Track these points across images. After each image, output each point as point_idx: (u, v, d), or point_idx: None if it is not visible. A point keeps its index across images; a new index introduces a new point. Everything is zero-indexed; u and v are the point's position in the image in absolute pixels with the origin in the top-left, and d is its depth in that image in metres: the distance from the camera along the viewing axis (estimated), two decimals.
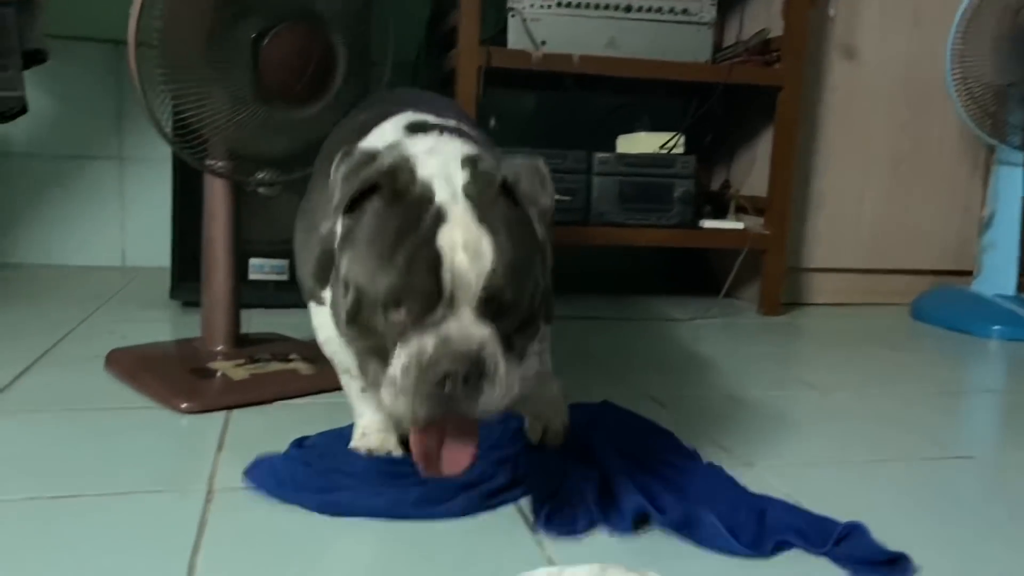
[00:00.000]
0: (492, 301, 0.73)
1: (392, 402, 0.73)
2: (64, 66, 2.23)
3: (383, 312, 0.73)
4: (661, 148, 2.14)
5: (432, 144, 0.82)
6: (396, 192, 0.76)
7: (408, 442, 1.00)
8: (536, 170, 0.80)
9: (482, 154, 0.82)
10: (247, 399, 1.20)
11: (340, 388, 1.05)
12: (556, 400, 1.06)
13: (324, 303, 0.93)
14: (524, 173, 0.79)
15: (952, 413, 1.37)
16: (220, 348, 1.35)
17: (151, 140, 2.20)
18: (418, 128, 0.87)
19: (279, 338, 1.48)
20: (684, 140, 2.15)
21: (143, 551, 0.76)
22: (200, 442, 1.05)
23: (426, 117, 0.90)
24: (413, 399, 0.71)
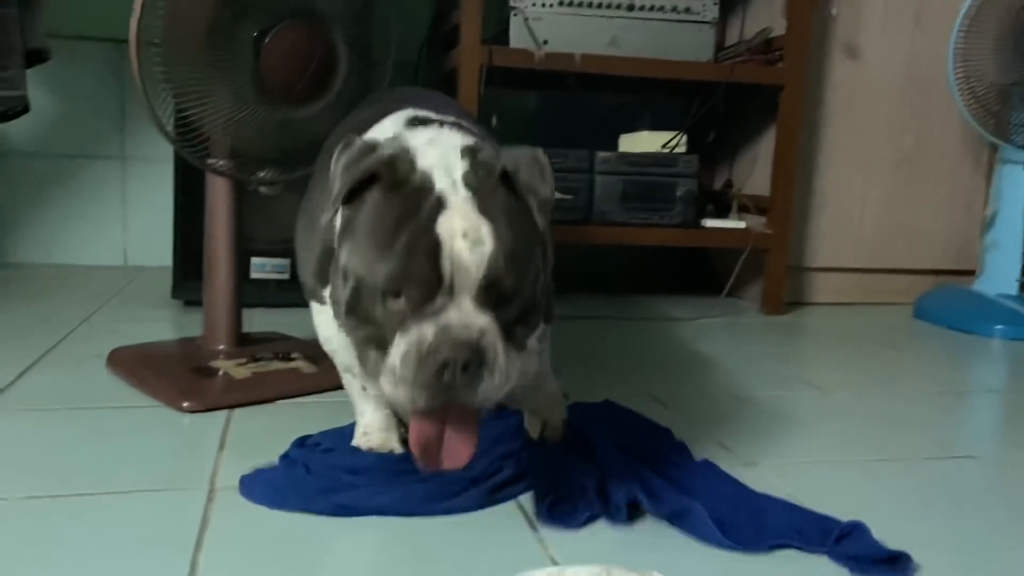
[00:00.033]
0: (492, 289, 0.72)
1: (392, 391, 0.72)
2: (66, 65, 2.23)
3: (382, 301, 0.73)
4: (663, 147, 2.14)
5: (432, 136, 0.82)
6: (395, 181, 0.76)
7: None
8: (536, 160, 0.80)
9: (482, 144, 0.82)
10: (249, 398, 1.20)
11: (342, 387, 1.06)
12: (555, 397, 1.08)
13: (325, 302, 0.93)
14: (524, 163, 0.79)
15: (954, 413, 1.37)
16: (222, 347, 1.35)
17: (153, 139, 2.21)
18: (418, 123, 0.87)
19: (281, 337, 1.48)
20: (686, 139, 2.15)
21: (145, 550, 0.76)
22: (202, 441, 1.05)
23: (427, 113, 0.90)
24: (412, 387, 0.71)
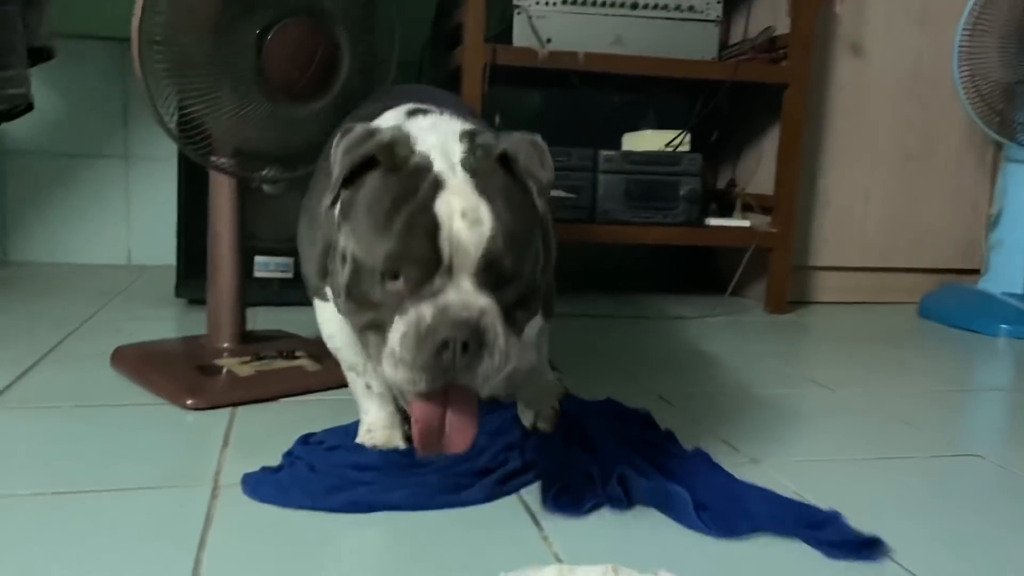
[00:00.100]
0: (491, 269, 0.72)
1: (392, 374, 0.72)
2: (70, 64, 2.23)
3: (381, 282, 0.72)
4: (667, 146, 2.13)
5: (432, 123, 0.82)
6: (394, 164, 0.76)
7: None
8: (535, 145, 0.80)
9: (480, 129, 0.82)
10: (252, 396, 1.20)
11: (346, 385, 1.05)
12: (548, 388, 1.10)
13: (328, 299, 0.93)
14: (523, 148, 0.79)
15: (960, 411, 1.36)
16: (226, 345, 1.35)
17: (157, 138, 2.21)
18: (418, 113, 0.88)
19: (285, 335, 1.48)
20: (690, 138, 2.15)
21: (149, 547, 0.76)
22: (206, 438, 1.05)
23: (427, 106, 0.91)
24: (412, 369, 0.71)
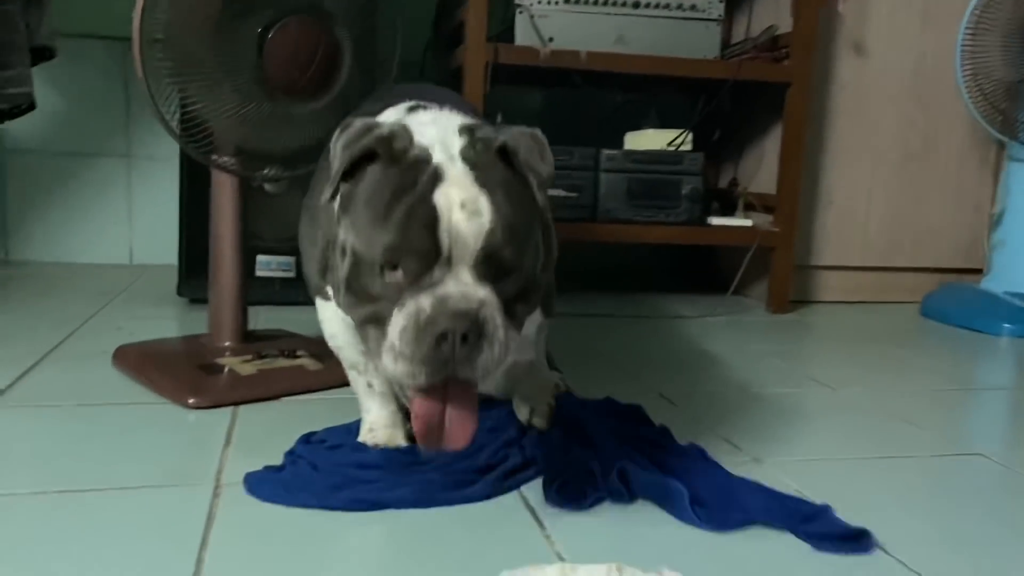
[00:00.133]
0: (491, 260, 0.72)
1: (392, 368, 0.72)
2: (72, 64, 2.23)
3: (380, 274, 0.72)
4: (669, 145, 2.13)
5: (432, 118, 0.82)
6: (393, 156, 0.76)
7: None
8: (535, 138, 0.80)
9: (480, 124, 0.82)
10: (254, 395, 1.20)
11: (347, 384, 1.06)
12: (544, 385, 1.11)
13: (330, 298, 0.93)
14: (523, 141, 0.79)
15: (962, 410, 1.36)
16: (227, 344, 1.35)
17: (158, 137, 2.21)
18: (418, 108, 0.88)
19: (286, 334, 1.48)
20: (692, 137, 2.15)
21: (151, 545, 0.76)
22: (207, 437, 1.05)
23: (428, 103, 0.91)
24: (412, 362, 0.70)
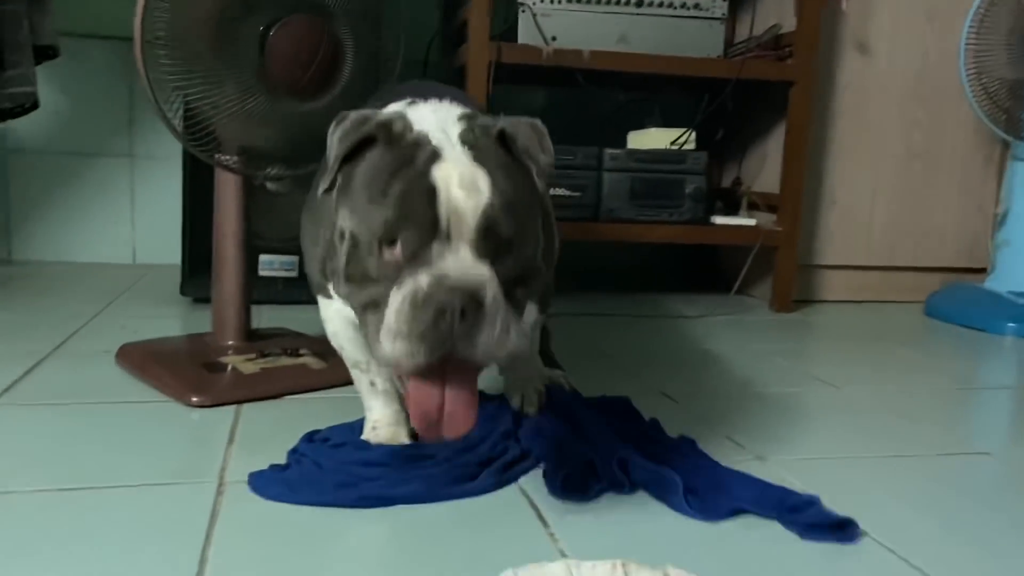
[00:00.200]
0: (490, 236, 0.71)
1: (390, 350, 0.70)
2: (75, 63, 2.24)
3: (378, 253, 0.72)
4: (672, 144, 2.13)
5: (432, 108, 0.82)
6: (391, 138, 0.76)
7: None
8: (534, 128, 0.80)
9: (480, 114, 0.82)
10: (257, 393, 1.20)
11: (350, 383, 1.06)
12: (535, 373, 1.15)
13: (332, 296, 0.93)
14: (522, 129, 0.79)
15: (967, 409, 1.36)
16: (231, 343, 1.35)
17: (161, 137, 2.22)
18: (419, 101, 0.87)
19: (289, 333, 1.48)
20: (695, 136, 2.14)
21: (154, 543, 0.76)
22: (211, 435, 1.05)
23: (429, 99, 0.91)
24: (410, 339, 0.68)
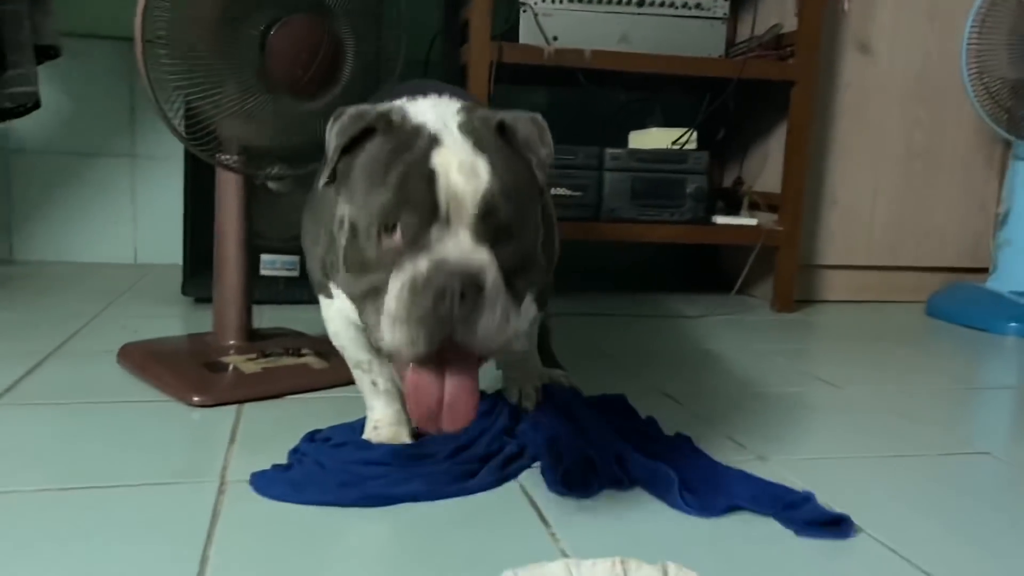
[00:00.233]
0: (489, 221, 0.71)
1: (390, 338, 0.70)
2: (77, 64, 2.24)
3: (378, 239, 0.72)
4: (673, 144, 2.13)
5: (432, 103, 0.82)
6: (390, 127, 0.76)
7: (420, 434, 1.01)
8: (535, 121, 0.80)
9: (480, 107, 0.82)
10: (259, 393, 1.20)
11: (352, 383, 1.06)
12: (532, 370, 1.15)
13: (333, 296, 0.93)
14: (522, 121, 0.79)
15: (968, 409, 1.36)
16: (232, 342, 1.35)
17: (163, 137, 2.21)
18: (419, 97, 0.87)
19: (291, 333, 1.48)
20: (696, 136, 2.14)
21: (156, 542, 0.76)
22: (212, 435, 1.05)
23: (430, 95, 0.91)
24: (409, 324, 0.68)
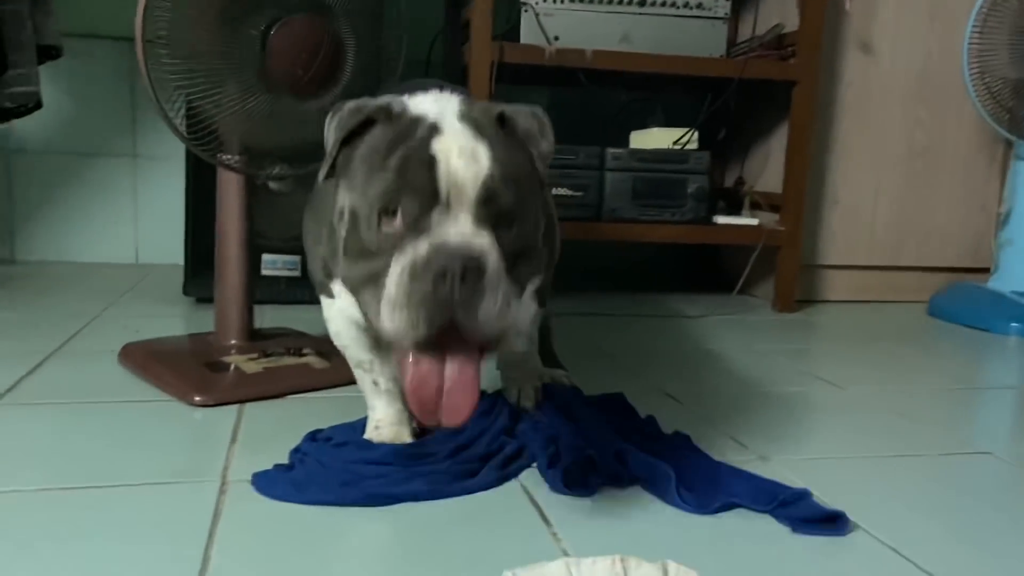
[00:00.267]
0: (490, 205, 0.71)
1: (390, 324, 0.69)
2: (78, 63, 2.24)
3: (378, 224, 0.71)
4: (674, 144, 2.13)
5: (433, 98, 0.82)
6: (390, 117, 0.76)
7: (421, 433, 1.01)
8: (535, 115, 0.80)
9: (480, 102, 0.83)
10: (260, 393, 1.20)
11: (353, 382, 1.06)
12: (532, 370, 1.15)
13: (335, 296, 0.93)
14: (523, 114, 0.79)
15: (970, 409, 1.36)
16: (233, 342, 1.35)
17: (164, 137, 2.21)
18: (419, 93, 0.88)
19: (292, 333, 1.48)
20: (698, 136, 2.14)
21: (157, 542, 0.76)
22: (213, 435, 1.05)
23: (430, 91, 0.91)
24: (409, 307, 0.67)
